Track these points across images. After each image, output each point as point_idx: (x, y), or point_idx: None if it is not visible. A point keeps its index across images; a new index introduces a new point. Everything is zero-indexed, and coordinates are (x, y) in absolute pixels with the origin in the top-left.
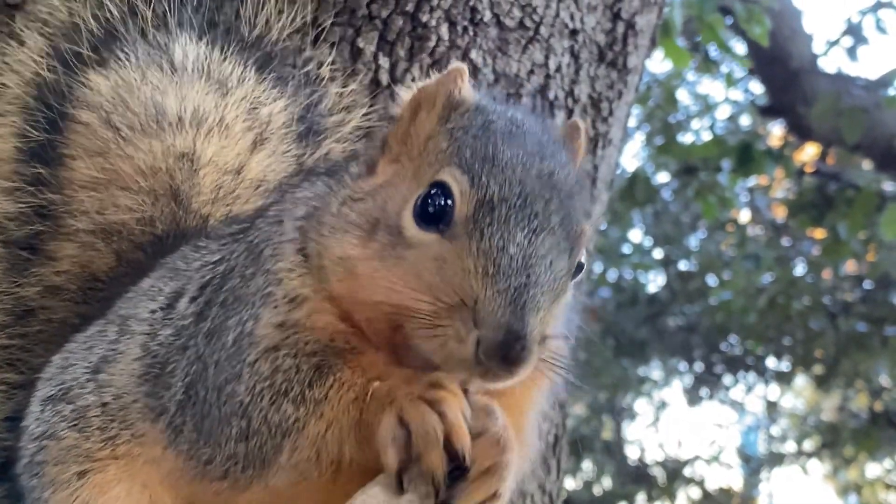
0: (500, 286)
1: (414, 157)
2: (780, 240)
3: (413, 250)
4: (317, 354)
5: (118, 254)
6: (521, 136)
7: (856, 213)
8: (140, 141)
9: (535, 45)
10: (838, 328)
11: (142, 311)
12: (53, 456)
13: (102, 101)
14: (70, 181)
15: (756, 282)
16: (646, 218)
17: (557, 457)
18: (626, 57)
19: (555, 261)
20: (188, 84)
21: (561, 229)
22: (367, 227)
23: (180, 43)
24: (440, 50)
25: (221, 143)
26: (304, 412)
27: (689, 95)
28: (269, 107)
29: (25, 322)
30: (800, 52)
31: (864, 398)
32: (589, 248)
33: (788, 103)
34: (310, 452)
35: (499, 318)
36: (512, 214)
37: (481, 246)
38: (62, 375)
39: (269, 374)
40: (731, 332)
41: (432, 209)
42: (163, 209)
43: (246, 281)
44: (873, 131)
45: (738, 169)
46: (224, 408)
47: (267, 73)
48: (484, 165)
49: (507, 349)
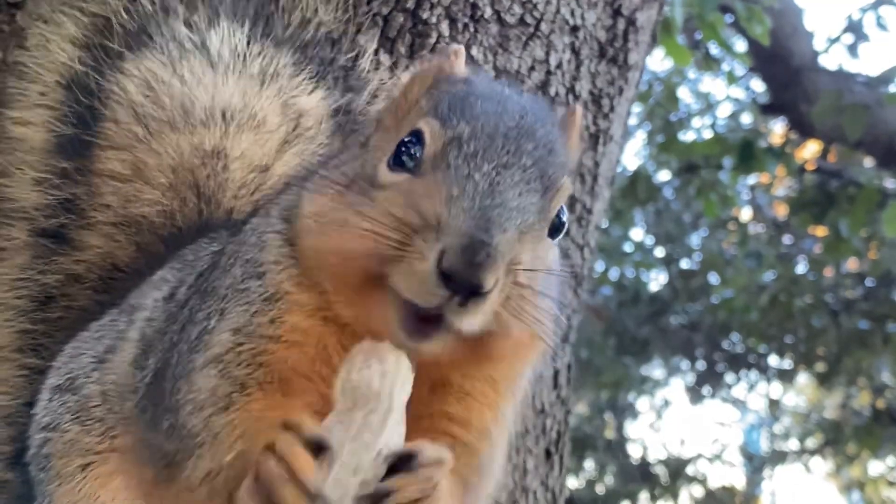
0: (464, 205)
1: (399, 121)
2: (781, 238)
3: (382, 192)
4: (236, 382)
5: (139, 245)
6: (504, 98)
7: (857, 210)
8: (168, 136)
9: (536, 42)
10: (840, 326)
11: (148, 300)
12: (58, 449)
13: (133, 96)
14: (96, 174)
15: (758, 280)
16: (647, 216)
17: (560, 453)
18: (626, 53)
19: (524, 193)
20: (221, 78)
21: (534, 169)
22: (345, 183)
23: (217, 34)
24: (441, 47)
25: (252, 138)
26: (206, 436)
27: (691, 94)
28: (304, 101)
29: (47, 308)
30: (801, 50)
31: (866, 396)
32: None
33: (790, 101)
34: (205, 489)
35: (463, 226)
36: (480, 149)
37: (447, 174)
38: (70, 364)
39: (199, 386)
40: (733, 330)
41: (405, 156)
42: (187, 204)
43: (223, 272)
44: (875, 128)
45: (740, 166)
46: (170, 399)
47: (304, 66)
48: (458, 112)
49: (470, 254)
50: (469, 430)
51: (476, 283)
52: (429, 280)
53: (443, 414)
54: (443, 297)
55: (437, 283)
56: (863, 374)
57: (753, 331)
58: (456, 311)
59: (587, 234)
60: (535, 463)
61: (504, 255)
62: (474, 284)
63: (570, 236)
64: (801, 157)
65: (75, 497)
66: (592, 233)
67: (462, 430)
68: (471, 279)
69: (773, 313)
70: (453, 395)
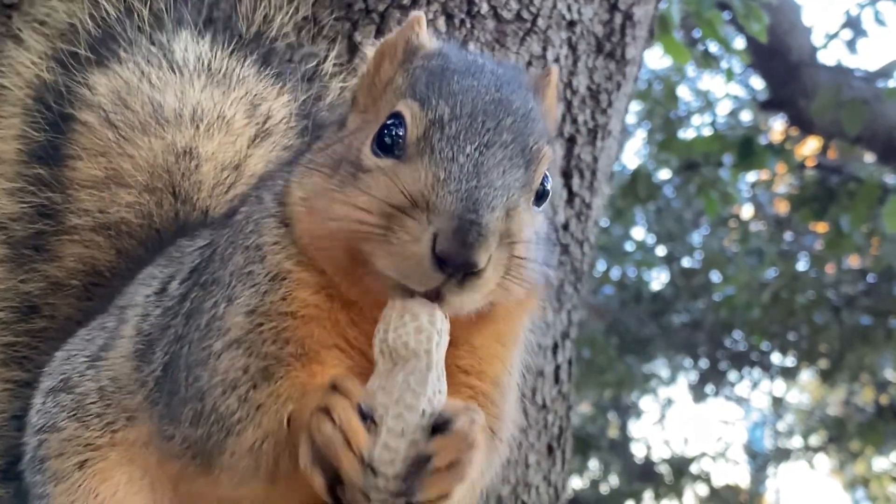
0: (451, 187)
1: (377, 101)
2: (782, 235)
3: (368, 175)
4: (267, 357)
5: (119, 250)
6: (478, 71)
7: (858, 206)
8: (140, 139)
9: (533, 37)
10: (842, 322)
11: (138, 297)
12: (54, 448)
13: (102, 101)
14: (72, 180)
15: (759, 277)
16: (648, 215)
17: (562, 448)
18: (624, 48)
19: (507, 170)
20: (188, 82)
21: (515, 144)
22: (331, 166)
23: (181, 41)
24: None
25: (222, 139)
26: (245, 413)
27: (690, 92)
28: (270, 103)
29: (30, 319)
30: (799, 46)
31: (869, 392)
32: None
33: (789, 97)
34: (248, 461)
35: (452, 208)
36: (462, 130)
37: (432, 158)
38: (63, 366)
39: (226, 368)
40: (736, 327)
41: (388, 139)
42: (164, 205)
43: (224, 262)
44: (874, 123)
45: (740, 164)
46: (189, 389)
47: (267, 69)
48: (436, 92)
49: (463, 234)
50: (484, 381)
51: (470, 262)
52: (425, 263)
53: (458, 368)
54: (439, 279)
55: (433, 266)
56: (866, 371)
57: (756, 328)
58: (455, 292)
59: (587, 229)
60: (537, 458)
61: (494, 233)
62: (469, 264)
63: (569, 231)
64: (801, 153)
65: (73, 495)
66: (592, 228)
67: (479, 382)
68: (465, 259)
69: (776, 310)
70: (463, 350)
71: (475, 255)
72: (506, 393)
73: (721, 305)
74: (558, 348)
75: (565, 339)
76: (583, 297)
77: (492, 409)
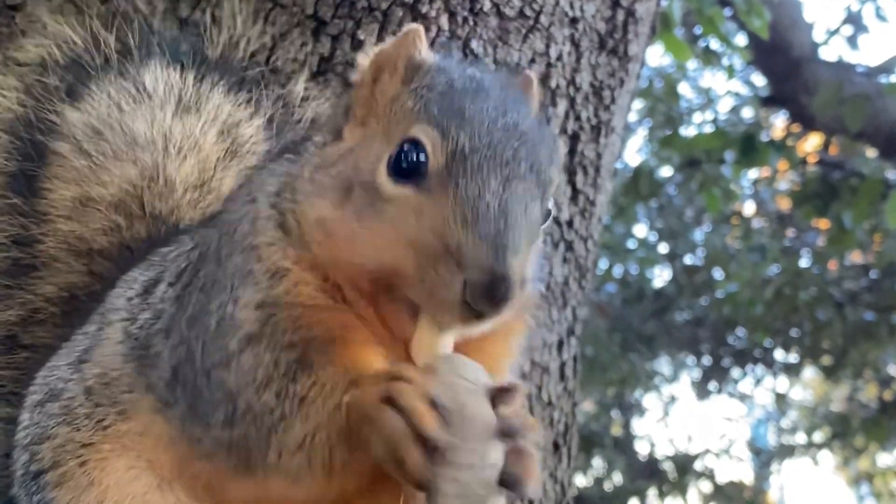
0: (480, 231)
1: (381, 118)
2: (784, 231)
3: (390, 206)
4: (297, 346)
5: (94, 272)
6: (484, 92)
7: (860, 201)
8: (113, 165)
9: (536, 34)
10: (845, 318)
11: (119, 300)
12: (49, 458)
13: (74, 131)
14: (47, 209)
15: (762, 274)
16: (650, 212)
17: (568, 445)
18: (626, 44)
19: (529, 205)
20: (159, 108)
21: (531, 176)
22: (341, 189)
23: (150, 69)
24: (440, 41)
25: (193, 161)
26: (289, 408)
27: (691, 89)
28: (242, 125)
29: (13, 352)
30: (800, 42)
31: (873, 388)
32: (594, 236)
33: (790, 93)
34: (300, 458)
35: (483, 261)
36: (484, 164)
37: (458, 195)
38: (47, 379)
39: (252, 367)
40: (739, 324)
41: (406, 165)
42: (136, 227)
43: (222, 263)
44: (876, 119)
45: (742, 160)
46: (214, 392)
47: (238, 92)
48: (452, 119)
49: (493, 290)
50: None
51: (500, 313)
52: (455, 309)
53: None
54: (466, 318)
55: (463, 309)
56: (869, 366)
57: (759, 325)
58: (474, 324)
59: (590, 225)
60: (542, 455)
61: (519, 281)
62: (498, 314)
63: (573, 228)
64: (803, 149)
65: (79, 491)
66: (596, 225)
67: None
68: (495, 312)
69: (778, 307)
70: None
71: (504, 307)
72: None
73: (724, 302)
74: (563, 345)
75: (570, 336)
76: (587, 293)
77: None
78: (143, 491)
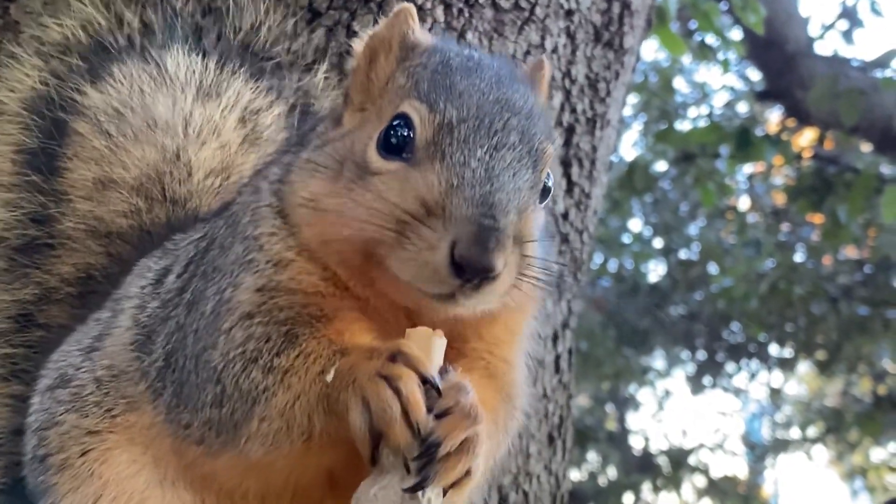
0: (466, 193)
1: (376, 100)
2: (779, 226)
3: (378, 178)
4: (287, 322)
5: (112, 254)
6: (478, 69)
7: (855, 196)
8: (133, 147)
9: (531, 27)
10: (840, 313)
11: (133, 288)
12: (56, 444)
13: (96, 110)
14: (66, 188)
15: (757, 268)
16: (645, 207)
17: (563, 438)
18: (622, 37)
19: (518, 173)
20: (180, 92)
21: (522, 145)
22: (334, 167)
23: (172, 53)
24: (436, 32)
25: (213, 146)
26: (273, 381)
27: (686, 83)
28: (262, 112)
29: (27, 329)
30: (796, 36)
31: (867, 382)
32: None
33: (785, 87)
34: (280, 423)
35: (469, 214)
36: (471, 134)
37: (444, 163)
38: (59, 363)
39: (242, 341)
40: (733, 319)
41: (395, 140)
42: (155, 210)
43: (224, 251)
44: (871, 113)
45: (737, 155)
46: (201, 374)
47: (257, 76)
48: (442, 94)
49: (482, 241)
50: (494, 357)
51: (489, 268)
52: (442, 270)
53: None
54: (456, 285)
55: (450, 272)
56: (863, 361)
57: (753, 320)
58: (470, 296)
59: (586, 218)
60: (538, 448)
61: (510, 237)
62: (487, 269)
63: (569, 220)
64: (798, 144)
65: (77, 482)
66: (591, 217)
67: (491, 357)
68: (484, 265)
69: (773, 302)
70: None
71: (493, 261)
72: (516, 367)
73: (718, 297)
74: (558, 338)
75: (565, 329)
76: (582, 287)
77: (507, 376)
78: (142, 487)
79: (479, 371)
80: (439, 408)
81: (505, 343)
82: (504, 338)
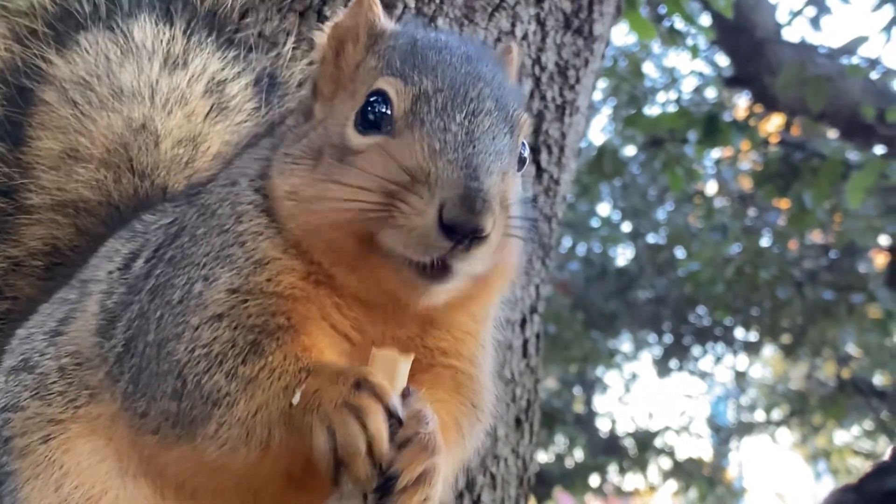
0: (449, 156)
1: (347, 86)
2: (746, 211)
3: (359, 156)
4: (254, 331)
5: (79, 227)
6: (447, 47)
7: (821, 182)
8: (99, 115)
9: (502, 13)
10: (805, 297)
11: (101, 272)
12: (19, 427)
13: (62, 79)
14: (31, 158)
15: (723, 253)
16: (614, 191)
17: (530, 421)
18: (591, 24)
19: (496, 136)
20: (146, 61)
21: (497, 112)
22: (312, 156)
23: (139, 22)
24: (407, 18)
25: (180, 115)
26: (235, 388)
27: (655, 68)
28: (229, 82)
29: None
30: (764, 23)
31: (831, 366)
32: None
33: (753, 73)
34: (239, 430)
35: (455, 176)
36: (448, 101)
37: (424, 130)
38: (24, 346)
39: (209, 341)
40: (700, 303)
41: (372, 116)
42: (122, 181)
43: (196, 241)
44: (838, 100)
45: (705, 140)
46: (162, 364)
47: (224, 45)
48: (415, 68)
49: (469, 201)
50: (462, 360)
51: (479, 228)
52: (432, 234)
53: (437, 350)
54: (446, 247)
55: (440, 235)
56: (828, 345)
57: (719, 303)
58: (462, 258)
59: (555, 204)
60: (505, 431)
61: (496, 197)
62: (477, 229)
63: (538, 206)
64: (765, 130)
65: (38, 470)
66: (560, 204)
67: (457, 362)
68: (474, 225)
69: (739, 286)
70: (441, 330)
71: (483, 220)
72: (482, 367)
73: (685, 281)
74: (526, 322)
75: (533, 314)
76: (550, 271)
77: (472, 384)
78: (104, 478)
79: (446, 384)
80: (400, 438)
81: (471, 336)
82: (470, 328)
